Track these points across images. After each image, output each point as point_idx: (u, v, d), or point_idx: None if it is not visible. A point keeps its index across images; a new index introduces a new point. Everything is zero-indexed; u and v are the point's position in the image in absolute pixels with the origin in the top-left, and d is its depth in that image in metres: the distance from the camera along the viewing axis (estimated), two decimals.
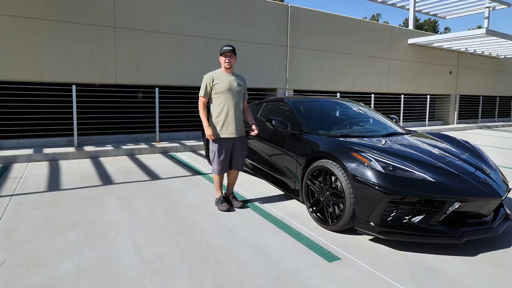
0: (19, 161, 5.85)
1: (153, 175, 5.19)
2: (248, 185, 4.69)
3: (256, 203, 3.95)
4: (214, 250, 2.76)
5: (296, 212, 3.66)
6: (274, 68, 9.25)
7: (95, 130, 7.39)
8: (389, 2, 14.90)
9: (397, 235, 2.71)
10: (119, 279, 2.30)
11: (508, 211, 3.14)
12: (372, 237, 2.96)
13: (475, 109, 15.83)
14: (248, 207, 3.76)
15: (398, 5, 15.20)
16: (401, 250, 2.82)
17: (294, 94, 9.58)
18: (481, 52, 14.33)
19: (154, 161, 6.25)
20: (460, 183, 2.78)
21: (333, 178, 3.10)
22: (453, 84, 14.24)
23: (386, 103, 12.24)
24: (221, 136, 3.49)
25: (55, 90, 6.90)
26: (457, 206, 2.67)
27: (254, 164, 4.69)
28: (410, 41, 12.07)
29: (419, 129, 11.96)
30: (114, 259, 2.58)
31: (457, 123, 14.57)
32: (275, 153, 4.11)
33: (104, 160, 6.26)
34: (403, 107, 12.65)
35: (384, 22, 50.40)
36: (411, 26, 13.42)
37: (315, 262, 2.60)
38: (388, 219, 2.75)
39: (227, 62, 3.50)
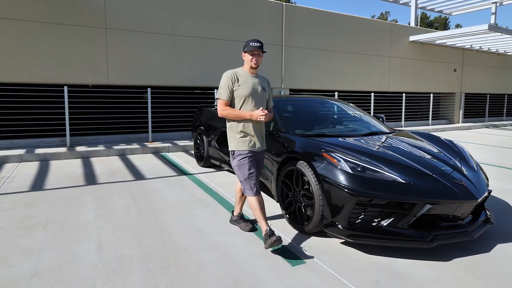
0: (10, 161, 5.92)
1: (138, 175, 5.18)
2: (230, 186, 4.63)
3: (232, 203, 3.89)
4: (177, 252, 2.71)
5: (271, 213, 3.58)
6: (269, 67, 9.16)
7: (89, 130, 7.44)
8: (391, 0, 14.65)
9: (365, 238, 2.61)
10: (73, 280, 2.27)
11: (489, 214, 3.01)
12: (343, 240, 2.87)
13: (482, 107, 15.43)
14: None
15: (401, 2, 14.94)
16: (371, 254, 2.72)
17: (290, 94, 9.48)
18: (487, 48, 13.95)
19: (144, 161, 6.24)
20: (432, 184, 2.66)
21: (305, 178, 3.02)
22: (458, 82, 13.90)
23: (387, 102, 12.02)
24: (243, 148, 2.82)
25: (49, 91, 6.97)
26: (427, 209, 2.56)
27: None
28: (412, 38, 11.82)
29: (421, 128, 11.72)
30: (75, 260, 2.55)
31: (462, 122, 14.22)
32: None
33: (94, 160, 6.29)
34: (405, 106, 12.41)
35: (393, 20, 49.46)
36: (412, 23, 13.15)
37: (278, 266, 2.52)
38: (357, 222, 2.65)
39: (254, 62, 2.86)
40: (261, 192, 2.96)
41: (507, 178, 5.28)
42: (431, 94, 12.78)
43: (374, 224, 2.64)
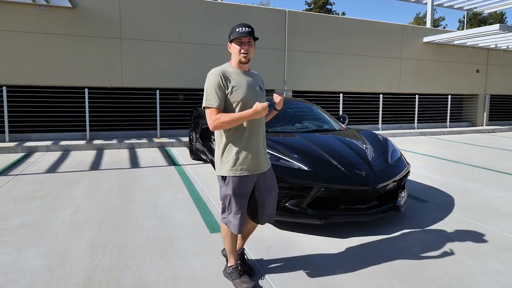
0: (39, 151, 7.15)
1: (135, 165, 6.07)
2: (205, 176, 5.33)
3: (197, 187, 4.58)
4: (128, 219, 3.45)
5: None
6: (272, 70, 9.74)
7: (106, 126, 8.58)
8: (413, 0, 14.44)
9: None
10: (44, 231, 3.11)
11: (400, 202, 3.38)
12: None
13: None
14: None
15: (423, 1, 14.65)
16: (283, 229, 3.24)
17: (292, 95, 9.97)
18: None
19: (147, 154, 7.16)
20: (332, 172, 3.14)
21: None
22: (482, 83, 13.34)
23: (399, 104, 11.98)
24: (237, 174, 2.17)
25: (74, 92, 8.20)
26: (321, 192, 3.04)
27: (208, 155, 5.33)
28: (425, 39, 11.68)
29: (438, 130, 11.49)
30: (52, 219, 3.40)
31: (487, 125, 13.61)
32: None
33: (107, 151, 7.33)
34: (420, 108, 12.25)
35: (439, 17, 46.65)
36: (428, 24, 12.90)
37: (199, 232, 3.16)
38: None
39: (243, 53, 2.17)
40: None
41: (480, 178, 5.38)
42: (449, 96, 12.47)
43: (281, 203, 3.16)
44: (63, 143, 7.51)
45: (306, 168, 3.15)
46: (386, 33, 11.19)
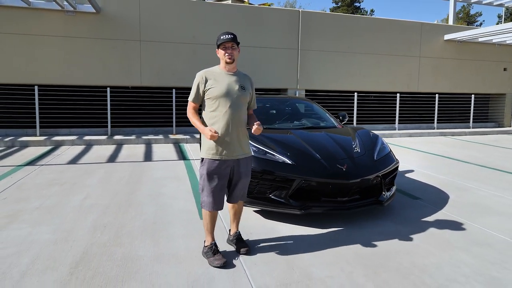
0: (65, 144, 7.80)
1: (148, 158, 6.51)
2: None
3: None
4: (132, 205, 3.82)
5: None
6: (285, 70, 9.91)
7: (126, 123, 9.15)
8: None
9: (257, 205, 3.38)
10: (56, 212, 3.53)
11: (384, 197, 3.49)
12: (257, 208, 3.63)
13: None
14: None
15: None
16: (269, 219, 3.46)
17: (305, 94, 10.08)
18: None
19: (161, 149, 7.60)
20: (313, 166, 3.31)
21: None
22: (509, 82, 12.73)
23: (418, 103, 11.72)
24: (214, 158, 2.54)
25: (99, 91, 8.83)
26: (302, 184, 3.23)
27: None
28: (447, 37, 11.34)
29: (459, 131, 11.12)
30: (65, 203, 3.83)
31: None
32: None
33: (125, 146, 7.86)
34: (442, 107, 11.91)
35: (476, 13, 44.11)
36: (451, 21, 12.49)
37: (191, 218, 3.46)
38: (254, 192, 3.43)
39: (228, 56, 2.58)
40: None
41: (485, 178, 5.30)
42: (472, 96, 12.02)
43: (266, 194, 3.39)
44: (86, 138, 8.13)
45: (289, 162, 3.34)
46: (404, 31, 11.00)
